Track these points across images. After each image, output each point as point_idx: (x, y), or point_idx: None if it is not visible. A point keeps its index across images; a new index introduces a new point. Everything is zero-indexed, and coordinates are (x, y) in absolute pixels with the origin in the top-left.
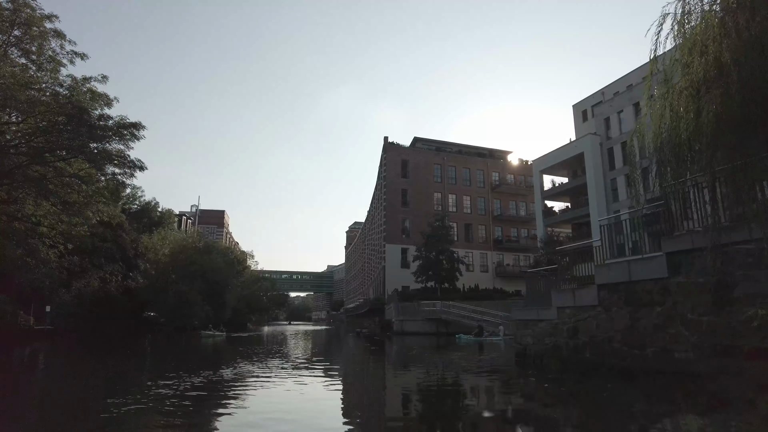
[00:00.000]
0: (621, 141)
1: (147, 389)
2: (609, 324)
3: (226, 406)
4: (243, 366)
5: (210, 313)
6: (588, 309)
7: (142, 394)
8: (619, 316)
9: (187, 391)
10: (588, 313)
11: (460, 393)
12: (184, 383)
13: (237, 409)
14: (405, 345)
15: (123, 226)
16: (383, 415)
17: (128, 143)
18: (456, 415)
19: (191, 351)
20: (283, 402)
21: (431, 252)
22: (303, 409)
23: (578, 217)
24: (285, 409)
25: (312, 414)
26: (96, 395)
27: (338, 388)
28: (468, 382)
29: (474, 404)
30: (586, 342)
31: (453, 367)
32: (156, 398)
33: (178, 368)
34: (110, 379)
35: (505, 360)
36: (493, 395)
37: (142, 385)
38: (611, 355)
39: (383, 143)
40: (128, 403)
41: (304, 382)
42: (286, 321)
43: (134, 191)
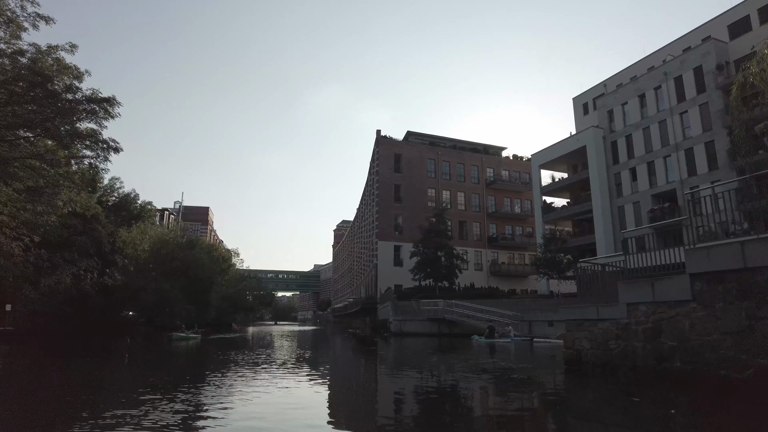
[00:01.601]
0: (626, 134)
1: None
2: (712, 324)
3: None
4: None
5: (193, 313)
6: (676, 305)
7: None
8: (728, 314)
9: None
10: (676, 311)
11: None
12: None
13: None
14: (411, 348)
15: (98, 218)
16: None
17: (101, 122)
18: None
19: (150, 359)
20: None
21: (429, 248)
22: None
23: (579, 213)
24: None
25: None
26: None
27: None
28: (544, 404)
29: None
30: (674, 347)
31: (494, 378)
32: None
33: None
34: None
35: (543, 366)
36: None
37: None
38: (717, 365)
39: (376, 136)
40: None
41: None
42: (272, 321)
43: (112, 182)
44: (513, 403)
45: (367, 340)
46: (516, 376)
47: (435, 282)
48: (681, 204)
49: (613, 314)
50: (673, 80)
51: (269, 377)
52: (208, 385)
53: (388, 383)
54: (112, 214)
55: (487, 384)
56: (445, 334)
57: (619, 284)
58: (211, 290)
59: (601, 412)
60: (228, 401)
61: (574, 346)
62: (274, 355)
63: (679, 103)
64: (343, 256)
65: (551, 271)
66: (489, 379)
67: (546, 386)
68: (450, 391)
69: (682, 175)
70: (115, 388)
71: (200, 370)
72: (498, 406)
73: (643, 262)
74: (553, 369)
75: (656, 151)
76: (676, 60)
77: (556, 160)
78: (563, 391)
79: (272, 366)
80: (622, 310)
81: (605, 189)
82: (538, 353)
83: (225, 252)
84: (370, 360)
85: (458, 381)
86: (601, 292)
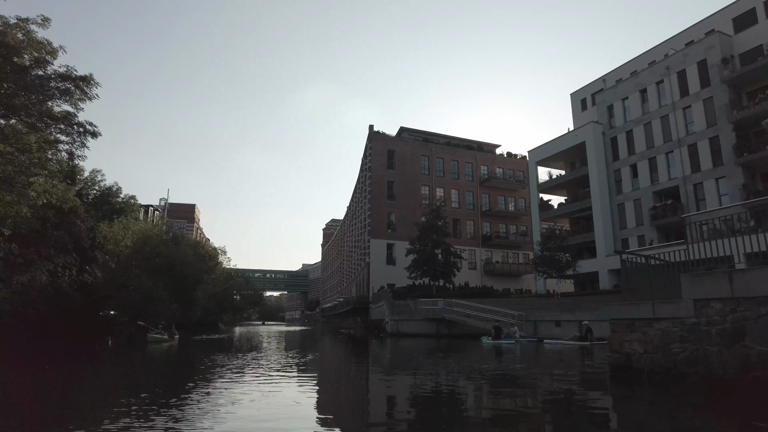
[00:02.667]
0: (626, 130)
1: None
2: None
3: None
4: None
5: (177, 312)
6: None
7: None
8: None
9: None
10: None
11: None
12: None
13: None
14: (411, 349)
15: (77, 211)
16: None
17: (78, 104)
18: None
19: (121, 366)
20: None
21: (426, 245)
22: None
23: (578, 211)
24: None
25: None
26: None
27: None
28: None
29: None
30: (766, 353)
31: (528, 389)
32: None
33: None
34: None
35: (576, 373)
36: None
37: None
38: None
39: (368, 131)
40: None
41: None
42: (259, 321)
43: (93, 174)
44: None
45: (362, 341)
46: (557, 386)
47: (432, 280)
48: (684, 201)
49: (675, 312)
50: (676, 74)
51: (263, 387)
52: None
53: (402, 394)
54: (93, 209)
55: (527, 401)
56: (444, 334)
57: (683, 278)
58: (197, 289)
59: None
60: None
61: (622, 349)
62: (264, 361)
63: (682, 98)
64: (333, 255)
65: (550, 269)
66: (524, 392)
67: (606, 403)
68: (481, 408)
69: (685, 171)
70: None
71: (175, 382)
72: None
73: (712, 251)
74: (593, 377)
75: (658, 147)
76: (679, 54)
77: (553, 156)
78: (644, 414)
79: (266, 372)
80: (688, 308)
81: (605, 186)
82: (558, 357)
83: (212, 250)
84: (374, 366)
85: (482, 391)
86: (654, 287)
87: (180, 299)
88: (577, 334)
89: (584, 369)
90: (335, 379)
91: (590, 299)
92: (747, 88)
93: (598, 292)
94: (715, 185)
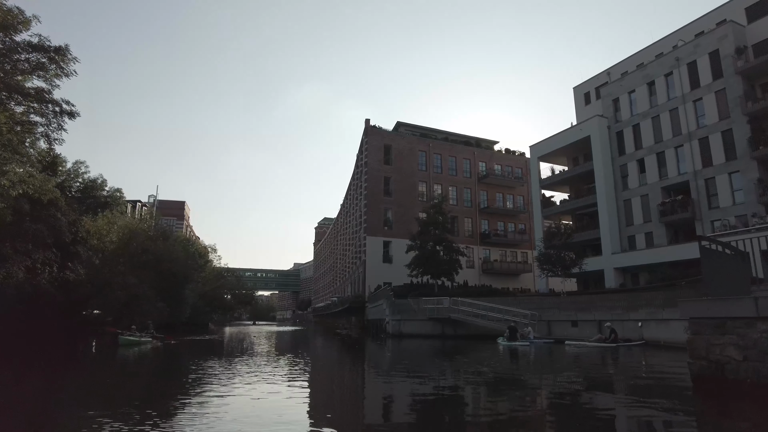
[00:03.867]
0: (632, 124)
1: None
2: None
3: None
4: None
5: (165, 311)
6: None
7: None
8: None
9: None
10: None
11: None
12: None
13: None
14: (418, 352)
15: (57, 203)
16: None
17: (53, 80)
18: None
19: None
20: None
21: (427, 242)
22: None
23: (582, 208)
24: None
25: None
26: None
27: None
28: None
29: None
30: None
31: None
32: None
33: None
34: None
35: (634, 382)
36: None
37: None
38: None
39: (365, 126)
40: None
41: None
42: (250, 321)
43: (76, 166)
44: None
45: (362, 343)
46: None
47: (433, 279)
48: (694, 196)
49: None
50: (686, 66)
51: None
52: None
53: (426, 412)
54: (76, 202)
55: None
56: (449, 335)
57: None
58: (186, 287)
59: None
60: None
61: (710, 355)
62: (262, 366)
63: (693, 90)
64: (326, 253)
65: (555, 268)
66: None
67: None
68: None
69: (695, 165)
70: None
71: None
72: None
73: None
74: (669, 389)
75: (667, 141)
76: (689, 45)
77: (555, 152)
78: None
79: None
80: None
81: (610, 181)
82: (592, 361)
83: (202, 248)
84: (385, 373)
85: (554, 411)
86: (745, 279)
87: (168, 298)
88: (602, 335)
89: (646, 375)
90: (349, 392)
91: (605, 298)
92: (761, 80)
93: (605, 291)
94: (728, 180)
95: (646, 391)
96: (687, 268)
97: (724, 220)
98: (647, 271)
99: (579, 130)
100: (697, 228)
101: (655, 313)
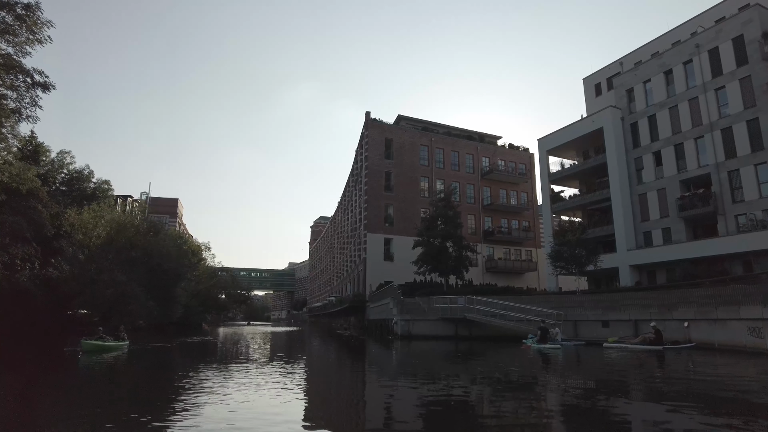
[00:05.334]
0: (648, 114)
1: None
2: None
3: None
4: None
5: (155, 310)
6: None
7: None
8: None
9: None
10: None
11: None
12: None
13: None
14: (443, 355)
15: (38, 194)
16: None
17: (23, 47)
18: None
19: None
20: None
21: (436, 237)
22: None
23: (593, 203)
24: None
25: None
26: None
27: None
28: None
29: None
30: None
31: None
32: None
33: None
34: None
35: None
36: None
37: None
38: None
39: (365, 119)
40: None
41: None
42: (245, 321)
43: (61, 156)
44: None
45: (370, 345)
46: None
47: (441, 276)
48: (716, 190)
49: None
50: (707, 53)
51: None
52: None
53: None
54: (60, 194)
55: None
56: (464, 336)
57: None
58: (178, 285)
59: None
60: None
61: None
62: (274, 376)
63: (715, 78)
64: (322, 252)
65: (569, 265)
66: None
67: None
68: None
69: (718, 157)
70: None
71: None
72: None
73: None
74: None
75: (686, 132)
76: (710, 31)
77: (564, 145)
78: None
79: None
80: None
81: (624, 175)
82: (646, 367)
83: (195, 246)
84: (421, 384)
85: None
86: None
87: (158, 296)
88: (646, 336)
89: (726, 387)
90: (394, 409)
91: (635, 296)
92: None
93: (619, 289)
94: (754, 172)
95: (745, 408)
96: (711, 265)
97: (749, 214)
98: (665, 268)
99: (591, 121)
100: (719, 223)
101: (706, 312)
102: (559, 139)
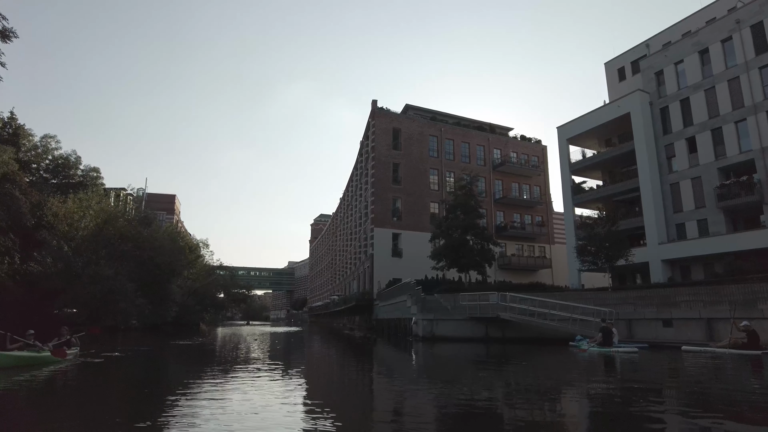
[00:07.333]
0: (680, 98)
1: None
2: None
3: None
4: None
5: (147, 308)
6: None
7: None
8: None
9: None
10: None
11: None
12: None
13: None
14: (474, 361)
15: (16, 179)
16: None
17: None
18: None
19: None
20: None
21: (455, 230)
22: None
23: (620, 193)
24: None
25: None
26: None
27: None
28: None
29: None
30: None
31: None
32: None
33: None
34: None
35: None
36: None
37: None
38: None
39: (371, 108)
40: None
41: None
42: (243, 321)
43: (45, 141)
44: None
45: (392, 349)
46: None
47: (461, 272)
48: (761, 177)
49: None
50: (750, 29)
51: None
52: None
53: None
54: (43, 182)
55: None
56: (495, 338)
57: None
58: (173, 281)
59: None
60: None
61: None
62: (293, 389)
63: (759, 56)
64: (323, 250)
65: (597, 259)
66: None
67: None
68: None
69: (763, 142)
70: None
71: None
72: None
73: None
74: None
75: (725, 115)
76: (754, 4)
77: (586, 132)
78: None
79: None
80: None
81: (654, 164)
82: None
83: (192, 243)
84: None
85: None
86: None
87: (150, 293)
88: (737, 338)
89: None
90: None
91: (712, 290)
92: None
93: (649, 285)
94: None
95: None
96: (759, 259)
97: None
98: (702, 263)
99: (616, 107)
100: (765, 213)
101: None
102: (581, 126)
